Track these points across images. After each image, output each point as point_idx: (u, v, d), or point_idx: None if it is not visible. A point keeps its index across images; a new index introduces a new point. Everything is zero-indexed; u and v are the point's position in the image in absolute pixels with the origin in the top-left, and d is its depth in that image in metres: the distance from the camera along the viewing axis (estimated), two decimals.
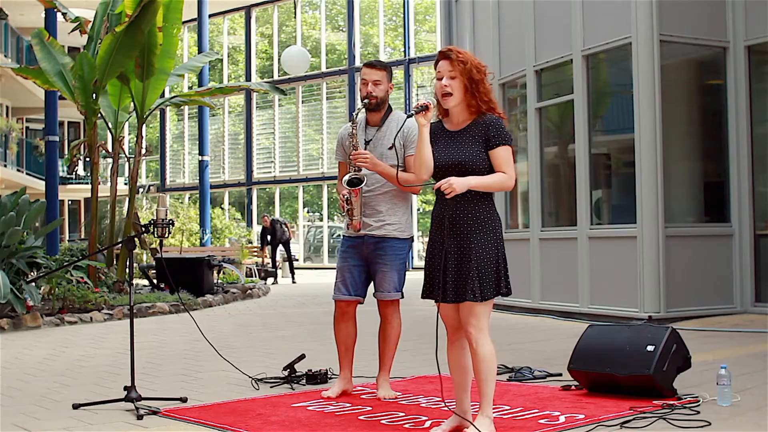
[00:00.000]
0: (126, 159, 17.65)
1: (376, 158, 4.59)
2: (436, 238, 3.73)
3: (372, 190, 4.68)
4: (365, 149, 4.66)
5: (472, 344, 3.62)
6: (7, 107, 24.83)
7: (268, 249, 19.01)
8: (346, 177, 4.61)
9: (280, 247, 18.80)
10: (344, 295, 4.73)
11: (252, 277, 18.15)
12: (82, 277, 10.67)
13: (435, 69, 3.77)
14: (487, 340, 3.62)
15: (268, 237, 18.68)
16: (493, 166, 3.67)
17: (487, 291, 3.60)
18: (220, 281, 14.84)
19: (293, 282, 17.90)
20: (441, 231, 3.70)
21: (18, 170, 23.01)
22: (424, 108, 3.64)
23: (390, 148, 4.56)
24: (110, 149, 13.51)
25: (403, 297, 4.71)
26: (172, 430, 4.05)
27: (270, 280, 18.10)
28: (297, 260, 22.53)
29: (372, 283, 4.75)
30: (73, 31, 12.35)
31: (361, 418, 4.16)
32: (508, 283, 3.71)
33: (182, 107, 26.90)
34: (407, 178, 4.44)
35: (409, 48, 23.71)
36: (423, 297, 3.80)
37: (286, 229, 18.43)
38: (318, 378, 5.21)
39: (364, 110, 4.74)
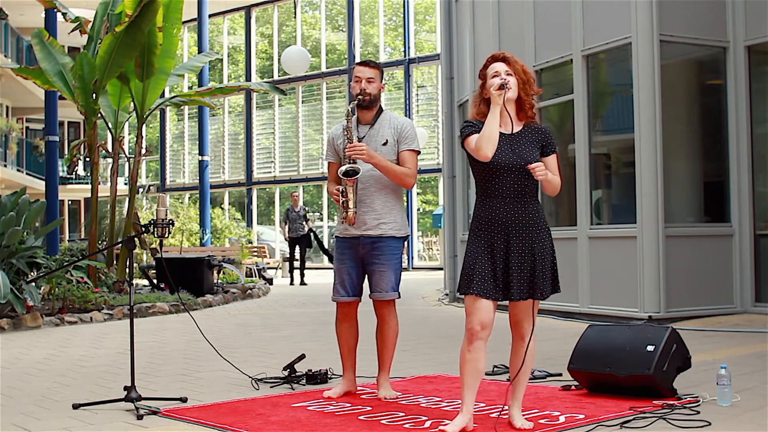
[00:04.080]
0: (126, 159, 17.63)
1: (371, 150, 4.58)
2: (495, 236, 3.77)
3: (366, 187, 4.66)
4: None
5: (524, 339, 3.84)
6: (7, 107, 24.82)
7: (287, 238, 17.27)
8: (342, 168, 4.61)
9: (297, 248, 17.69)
10: (345, 296, 4.72)
11: (252, 277, 18.03)
12: (82, 277, 10.66)
13: (483, 74, 3.90)
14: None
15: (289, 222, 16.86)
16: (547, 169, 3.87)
17: (555, 287, 3.89)
18: (220, 281, 14.82)
19: (291, 284, 17.36)
20: (502, 230, 3.77)
21: (18, 170, 22.99)
22: (505, 87, 3.75)
23: (384, 144, 4.63)
24: (110, 149, 13.51)
25: (399, 297, 4.69)
26: (172, 430, 4.05)
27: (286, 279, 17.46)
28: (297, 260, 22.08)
29: (368, 283, 4.74)
30: (73, 31, 12.35)
31: (361, 418, 4.16)
32: None
33: (182, 107, 26.89)
34: (404, 171, 4.60)
35: (409, 48, 23.70)
36: (482, 296, 3.73)
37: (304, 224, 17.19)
38: (318, 378, 5.21)
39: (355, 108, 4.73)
